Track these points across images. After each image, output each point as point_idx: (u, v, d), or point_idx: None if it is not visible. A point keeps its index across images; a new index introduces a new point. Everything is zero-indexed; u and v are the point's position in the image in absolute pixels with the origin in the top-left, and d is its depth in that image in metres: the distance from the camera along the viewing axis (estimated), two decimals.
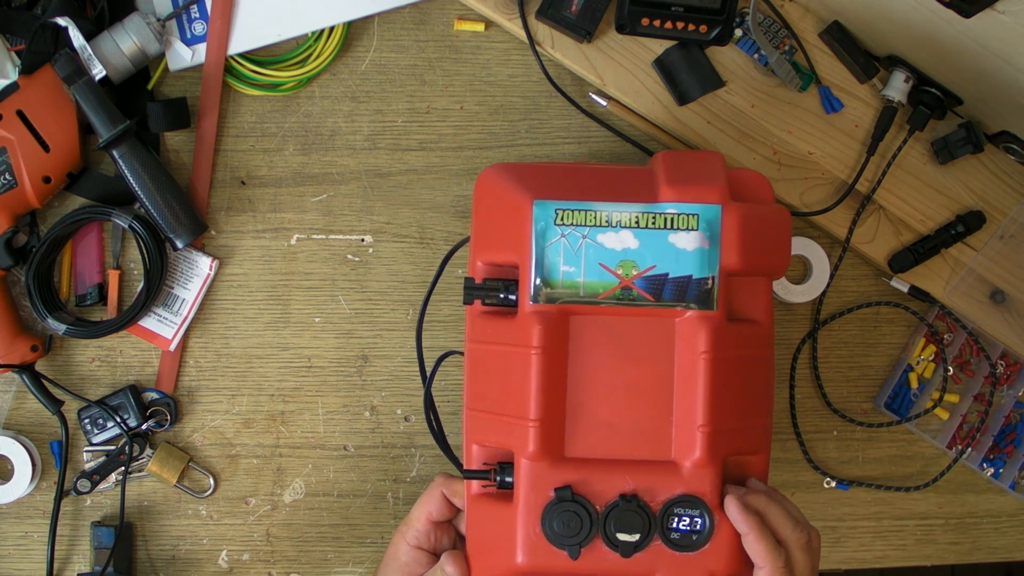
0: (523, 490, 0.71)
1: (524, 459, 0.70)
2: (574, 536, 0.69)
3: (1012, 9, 0.78)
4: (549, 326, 0.70)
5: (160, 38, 0.90)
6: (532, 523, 0.70)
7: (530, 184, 0.73)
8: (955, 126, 0.96)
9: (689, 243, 0.70)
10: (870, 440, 1.00)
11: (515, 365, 0.71)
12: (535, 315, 0.70)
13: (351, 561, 0.97)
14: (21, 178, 0.88)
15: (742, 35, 0.95)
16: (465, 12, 0.96)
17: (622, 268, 0.71)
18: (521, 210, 0.71)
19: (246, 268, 0.96)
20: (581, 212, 0.71)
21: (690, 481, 0.70)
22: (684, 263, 0.70)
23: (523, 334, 0.71)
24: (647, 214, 0.71)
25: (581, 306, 0.71)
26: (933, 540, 1.01)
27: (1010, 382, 1.01)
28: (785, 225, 0.74)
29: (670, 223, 0.71)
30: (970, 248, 0.98)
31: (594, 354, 0.71)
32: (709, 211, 0.71)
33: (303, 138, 0.96)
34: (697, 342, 0.70)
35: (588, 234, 0.71)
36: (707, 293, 0.70)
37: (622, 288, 0.70)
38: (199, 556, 0.96)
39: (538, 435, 0.70)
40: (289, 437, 0.96)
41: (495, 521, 0.73)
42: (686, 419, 0.70)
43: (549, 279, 0.71)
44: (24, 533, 0.95)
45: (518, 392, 0.70)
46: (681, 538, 0.70)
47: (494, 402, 0.73)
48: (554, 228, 0.71)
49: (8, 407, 0.95)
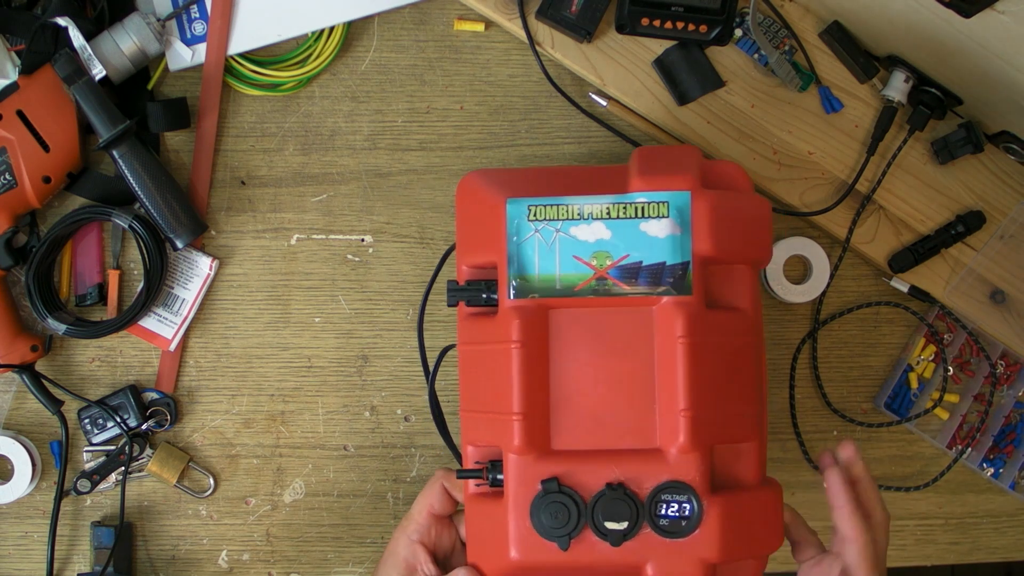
0: (512, 485, 0.71)
1: (511, 454, 0.71)
2: (563, 527, 0.70)
3: (1012, 9, 0.78)
4: (528, 320, 0.71)
5: (160, 38, 0.90)
6: (522, 517, 0.71)
7: (504, 185, 0.75)
8: (955, 126, 0.97)
9: (660, 230, 0.71)
10: (870, 440, 1.00)
11: (498, 362, 0.72)
12: (513, 310, 0.71)
13: (351, 561, 0.97)
14: (21, 178, 0.88)
15: (742, 35, 0.95)
16: (465, 12, 0.96)
17: (596, 259, 0.71)
18: (496, 209, 0.73)
19: (246, 268, 0.96)
20: (553, 207, 0.72)
21: (676, 467, 0.70)
22: (657, 250, 0.71)
23: (503, 330, 0.71)
24: (618, 204, 0.72)
25: (559, 299, 0.71)
26: (933, 540, 1.01)
27: (1010, 382, 1.01)
28: (765, 214, 0.75)
29: (641, 212, 0.72)
30: (970, 248, 0.98)
31: (575, 347, 0.72)
32: (679, 198, 0.72)
33: (303, 138, 0.96)
34: (674, 327, 0.70)
35: (561, 228, 0.72)
36: (682, 279, 0.71)
37: (597, 279, 0.71)
38: (199, 556, 0.96)
39: (522, 428, 0.70)
40: (289, 437, 0.96)
41: (489, 519, 0.73)
42: (668, 405, 0.71)
43: (525, 274, 0.71)
44: (24, 533, 0.95)
45: (502, 388, 0.71)
46: (670, 524, 0.70)
47: (483, 401, 0.74)
48: (528, 224, 0.72)
49: (8, 407, 0.95)
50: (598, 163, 0.98)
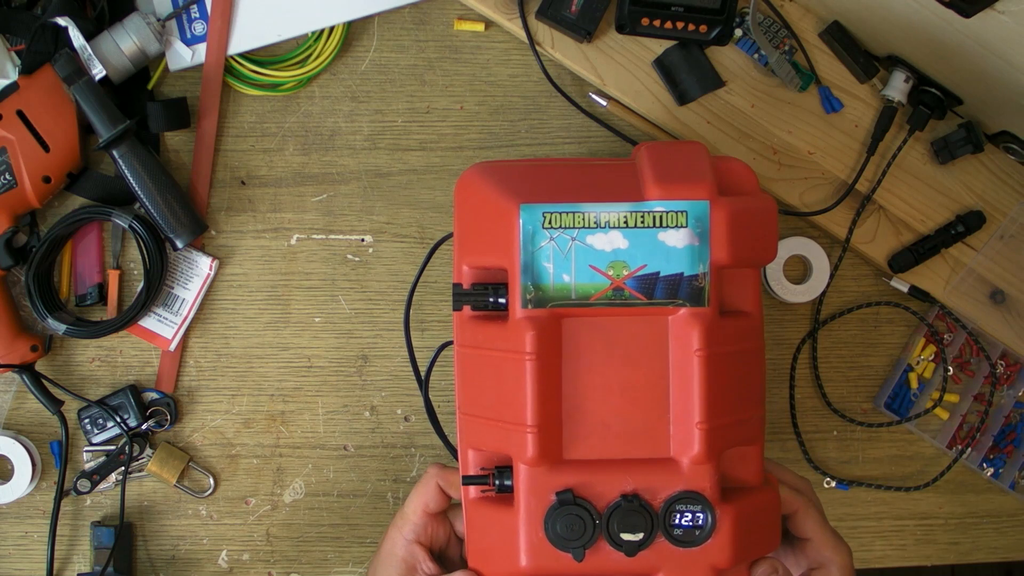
0: (524, 496, 0.70)
1: (523, 464, 0.70)
2: (578, 539, 0.69)
3: (1012, 9, 0.78)
4: (542, 331, 0.69)
5: (160, 38, 0.90)
6: (535, 527, 0.70)
7: (515, 186, 0.72)
8: (955, 126, 0.96)
9: (679, 241, 0.70)
10: (870, 440, 1.00)
11: (509, 371, 0.70)
12: (527, 321, 0.70)
13: (351, 561, 0.97)
14: (21, 178, 0.88)
15: (742, 35, 0.95)
16: (465, 12, 0.96)
17: (613, 269, 0.70)
18: (508, 214, 0.70)
19: (246, 268, 0.96)
20: (569, 214, 0.70)
21: (690, 478, 0.70)
22: (675, 261, 0.70)
23: (516, 340, 0.70)
24: (635, 213, 0.70)
25: (573, 308, 0.70)
26: (933, 540, 1.01)
27: (1010, 382, 1.01)
28: (772, 214, 0.74)
29: (659, 221, 0.70)
30: (970, 248, 0.98)
31: (588, 356, 0.71)
32: (697, 207, 0.70)
33: (303, 138, 0.96)
34: (691, 340, 0.69)
35: (577, 236, 0.70)
36: (699, 290, 0.70)
37: (614, 289, 0.70)
38: (199, 556, 0.96)
39: (536, 441, 0.69)
40: (289, 437, 0.96)
41: (496, 525, 0.72)
42: (683, 417, 0.70)
43: (540, 283, 0.70)
44: (24, 533, 0.95)
45: (513, 398, 0.70)
46: (684, 534, 0.70)
47: (489, 407, 0.72)
48: (542, 232, 0.70)
49: (8, 407, 0.95)
50: None
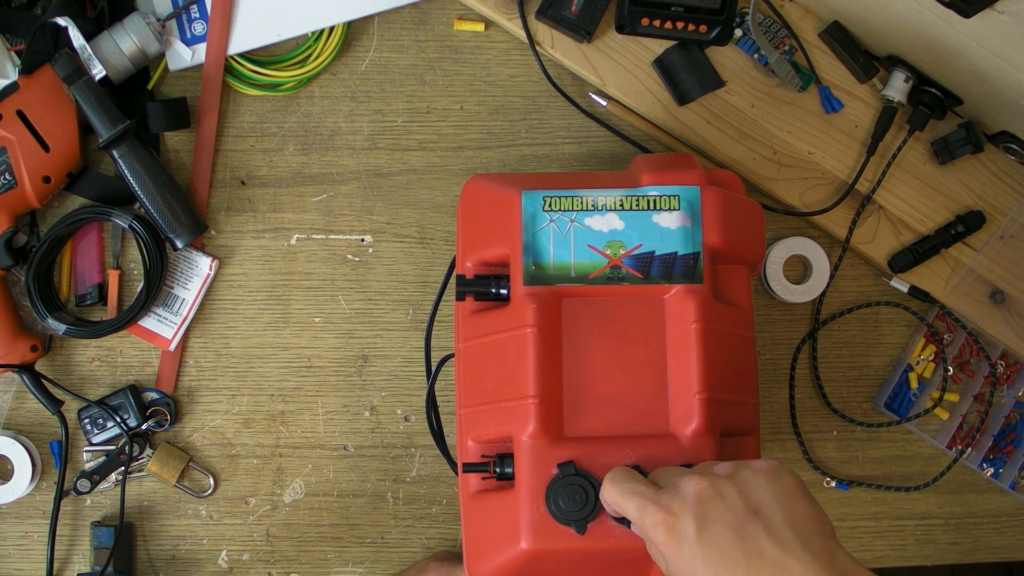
0: (525, 471, 0.71)
1: (525, 439, 0.71)
2: (580, 510, 0.70)
3: (1012, 9, 0.78)
4: (543, 305, 0.73)
5: (160, 38, 0.90)
6: (536, 503, 0.71)
7: (517, 180, 0.77)
8: (955, 126, 0.96)
9: (672, 222, 0.74)
10: (870, 440, 1.00)
11: (511, 348, 0.73)
12: (529, 296, 0.73)
13: (351, 561, 0.97)
14: (21, 178, 0.88)
15: (742, 35, 0.95)
16: (465, 12, 0.96)
17: (610, 248, 0.74)
18: (510, 202, 0.75)
19: (246, 268, 0.96)
20: (568, 198, 0.74)
21: (690, 450, 0.71)
22: (669, 241, 0.74)
23: (518, 316, 0.73)
24: (631, 197, 0.75)
25: (573, 287, 0.73)
26: (933, 540, 1.01)
27: (1010, 382, 1.01)
28: (758, 217, 0.78)
29: (653, 204, 0.75)
30: (970, 248, 0.98)
31: (587, 335, 0.73)
32: (689, 192, 0.75)
33: (303, 138, 0.96)
34: (687, 313, 0.72)
35: (576, 218, 0.74)
36: (693, 268, 0.74)
37: (611, 267, 0.73)
38: (199, 556, 0.96)
39: (538, 411, 0.71)
40: (289, 437, 0.96)
41: (495, 513, 0.73)
42: (682, 389, 0.72)
43: (540, 262, 0.73)
44: (24, 533, 0.95)
45: (516, 374, 0.72)
46: None
47: (491, 392, 0.74)
48: (543, 214, 0.74)
49: (8, 407, 0.95)
50: (598, 163, 0.98)
